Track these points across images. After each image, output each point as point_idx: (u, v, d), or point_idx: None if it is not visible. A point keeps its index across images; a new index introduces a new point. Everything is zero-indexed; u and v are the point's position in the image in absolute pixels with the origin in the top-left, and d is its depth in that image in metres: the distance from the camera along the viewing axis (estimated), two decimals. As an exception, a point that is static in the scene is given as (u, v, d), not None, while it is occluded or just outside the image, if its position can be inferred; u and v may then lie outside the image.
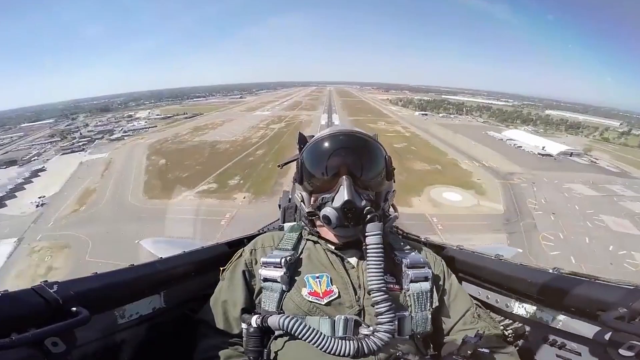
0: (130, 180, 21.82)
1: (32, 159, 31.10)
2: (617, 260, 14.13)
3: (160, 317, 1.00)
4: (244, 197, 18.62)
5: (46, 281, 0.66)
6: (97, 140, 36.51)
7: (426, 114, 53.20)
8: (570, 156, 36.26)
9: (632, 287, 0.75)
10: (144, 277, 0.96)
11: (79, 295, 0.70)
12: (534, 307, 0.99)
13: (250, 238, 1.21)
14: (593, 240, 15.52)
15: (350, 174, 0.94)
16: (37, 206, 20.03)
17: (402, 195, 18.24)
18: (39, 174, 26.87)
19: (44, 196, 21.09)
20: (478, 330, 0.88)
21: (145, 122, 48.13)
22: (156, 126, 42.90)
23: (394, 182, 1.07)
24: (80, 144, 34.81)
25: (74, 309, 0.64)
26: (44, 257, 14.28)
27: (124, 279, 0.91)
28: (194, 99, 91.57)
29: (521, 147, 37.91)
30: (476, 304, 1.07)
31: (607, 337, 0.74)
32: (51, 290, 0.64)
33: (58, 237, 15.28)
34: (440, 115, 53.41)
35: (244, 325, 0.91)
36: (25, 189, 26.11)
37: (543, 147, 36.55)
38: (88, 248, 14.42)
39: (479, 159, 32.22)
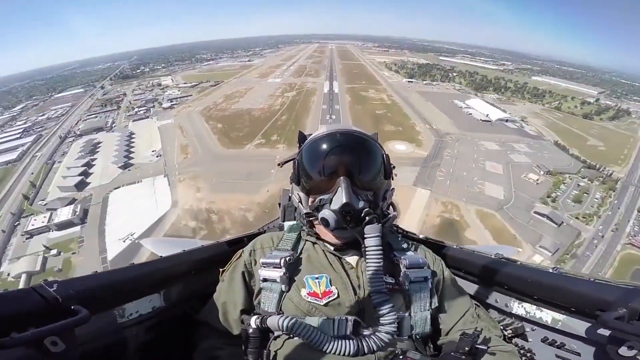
0: (207, 138, 31.93)
1: (113, 126, 39.04)
2: (473, 185, 24.04)
3: (160, 316, 1.05)
4: (283, 147, 29.31)
5: (46, 280, 0.68)
6: (152, 109, 43.74)
7: (412, 81, 59.68)
8: (506, 122, 42.41)
9: (631, 287, 0.77)
10: (143, 276, 1.02)
11: (79, 295, 0.71)
12: (534, 307, 1.03)
13: (250, 237, 1.32)
14: (468, 173, 25.81)
15: (348, 174, 0.97)
16: (157, 156, 28.93)
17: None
18: (132, 137, 34.29)
19: (155, 150, 29.97)
20: (477, 328, 0.91)
21: (179, 90, 54.62)
22: (191, 95, 50.14)
23: (393, 179, 1.13)
24: (142, 112, 42.65)
25: (74, 308, 0.65)
26: (189, 184, 23.88)
27: (123, 278, 0.95)
28: (205, 63, 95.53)
29: (471, 114, 43.85)
30: (476, 304, 1.14)
31: (606, 337, 0.76)
32: (51, 290, 0.65)
33: (188, 173, 25.21)
34: (424, 82, 59.38)
35: (243, 326, 0.95)
36: (134, 146, 32.13)
37: (487, 115, 43.07)
38: (213, 178, 24.18)
39: (431, 123, 39.85)
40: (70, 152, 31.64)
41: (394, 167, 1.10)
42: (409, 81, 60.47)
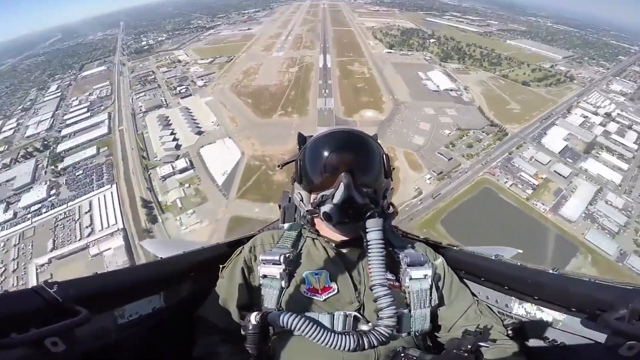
0: (244, 110, 46.07)
1: (167, 103, 50.81)
2: (406, 137, 38.69)
3: (160, 317, 1.09)
4: (296, 116, 43.78)
5: (46, 281, 0.71)
6: (190, 88, 55.19)
7: (390, 52, 69.21)
8: (450, 91, 52.00)
9: (631, 288, 0.81)
10: (143, 277, 1.07)
11: (79, 295, 0.75)
12: (534, 307, 1.07)
13: (249, 238, 1.35)
14: (407, 130, 40.29)
15: (349, 170, 1.04)
16: (217, 125, 42.46)
17: (349, 113, 44.45)
18: (190, 111, 46.54)
19: (214, 121, 43.76)
20: (479, 326, 0.98)
21: (201, 68, 65.23)
22: (214, 72, 61.38)
23: (392, 179, 1.22)
24: (183, 89, 54.45)
25: (74, 309, 0.68)
26: (246, 142, 38.02)
27: (123, 279, 0.99)
28: (207, 33, 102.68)
29: (427, 85, 53.57)
30: (477, 300, 1.20)
31: (606, 337, 0.79)
32: (51, 291, 0.68)
33: (242, 135, 39.70)
34: (401, 53, 68.78)
35: (243, 322, 0.99)
36: (196, 118, 44.44)
37: (437, 86, 53.12)
38: (262, 137, 38.70)
39: (394, 94, 50.80)
40: (149, 125, 45.63)
41: (393, 169, 1.21)
42: (388, 52, 70.22)
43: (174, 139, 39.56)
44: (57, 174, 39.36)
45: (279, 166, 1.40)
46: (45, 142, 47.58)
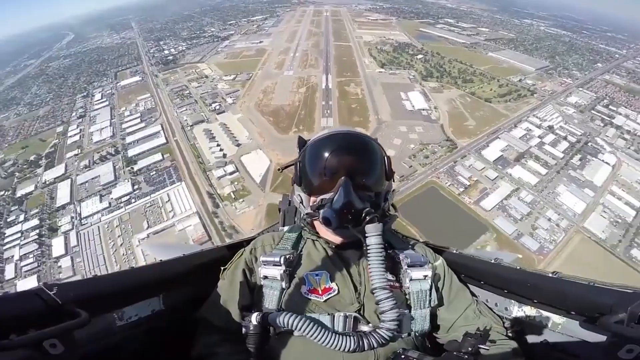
0: (269, 127, 60.39)
1: (207, 119, 64.18)
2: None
3: (159, 319, 1.13)
4: (307, 133, 60.36)
5: (46, 283, 0.72)
6: (222, 104, 67.41)
7: (382, 71, 78.41)
8: (422, 111, 61.59)
9: (631, 291, 0.83)
10: (143, 280, 1.09)
11: (78, 298, 0.77)
12: (534, 310, 1.10)
13: (249, 241, 1.41)
14: (382, 144, 56.84)
15: (350, 174, 1.07)
16: (249, 139, 58.08)
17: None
18: (227, 126, 59.92)
19: (247, 135, 59.54)
20: (479, 327, 0.96)
21: (227, 85, 77.37)
22: (238, 90, 74.32)
23: (394, 181, 1.27)
24: (216, 106, 67.10)
25: (73, 310, 0.70)
26: (273, 154, 54.28)
27: (123, 281, 1.02)
28: (224, 45, 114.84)
29: (405, 105, 63.32)
30: (477, 300, 1.23)
31: (606, 340, 0.81)
32: (51, 293, 0.70)
33: (270, 147, 55.57)
34: (390, 72, 77.82)
35: (244, 323, 1.02)
36: (233, 133, 58.68)
37: (413, 106, 62.75)
38: (283, 150, 53.93)
39: (379, 113, 60.81)
40: (198, 137, 61.05)
41: (393, 173, 1.24)
42: (379, 71, 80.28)
43: (220, 150, 56.93)
44: (135, 174, 56.80)
45: (279, 169, 1.53)
46: (116, 148, 64.95)
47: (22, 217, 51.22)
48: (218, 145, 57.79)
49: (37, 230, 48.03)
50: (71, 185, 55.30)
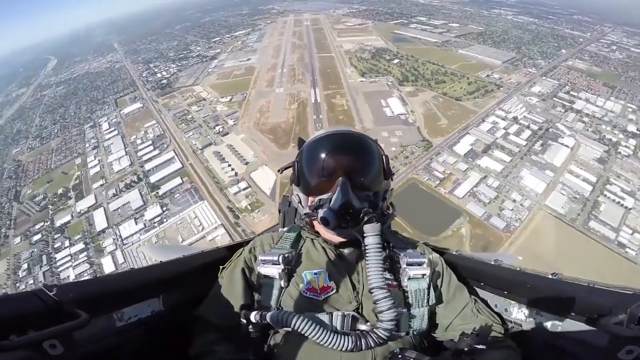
0: (269, 145, 62.16)
1: (215, 141, 77.87)
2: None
3: (159, 320, 1.17)
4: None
5: (46, 284, 0.75)
6: (225, 126, 75.50)
7: (363, 80, 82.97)
8: (401, 115, 65.99)
9: (631, 293, 0.85)
10: (143, 281, 1.14)
11: (78, 298, 0.80)
12: (533, 312, 1.14)
13: (248, 242, 1.47)
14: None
15: (348, 174, 1.11)
16: (255, 157, 68.65)
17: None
18: (233, 147, 69.64)
19: (252, 153, 71.26)
20: (475, 327, 1.00)
21: (225, 106, 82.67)
22: (236, 111, 79.79)
23: (392, 179, 1.29)
24: (219, 128, 74.96)
25: (73, 311, 0.73)
26: (276, 168, 67.48)
27: (123, 282, 1.06)
28: (214, 65, 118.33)
29: (385, 112, 68.05)
30: (475, 299, 1.27)
31: (605, 341, 0.84)
32: (50, 293, 0.73)
33: (273, 163, 65.02)
34: (370, 81, 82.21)
35: (243, 321, 1.07)
36: (240, 153, 65.99)
37: (393, 112, 67.45)
38: (285, 164, 65.19)
39: (363, 122, 64.35)
40: (209, 159, 69.92)
41: (393, 174, 1.27)
42: (360, 81, 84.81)
43: (232, 169, 66.93)
44: (160, 197, 66.64)
45: (279, 170, 1.66)
46: (137, 175, 74.57)
47: (67, 243, 59.37)
48: (229, 165, 67.34)
49: (85, 252, 56.65)
50: (105, 212, 64.70)
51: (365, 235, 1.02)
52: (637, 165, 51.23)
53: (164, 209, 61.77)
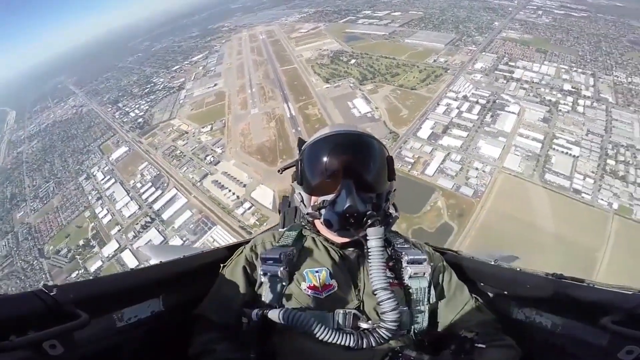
0: (259, 165, 72.69)
1: (210, 172, 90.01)
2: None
3: (159, 320, 1.19)
4: (291, 160, 79.08)
5: (46, 284, 0.76)
6: (215, 156, 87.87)
7: (328, 86, 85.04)
8: (367, 114, 67.52)
9: (630, 292, 0.87)
10: (143, 281, 1.15)
11: (78, 299, 0.81)
12: (533, 311, 1.16)
13: (248, 242, 1.48)
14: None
15: (351, 176, 1.11)
16: (250, 179, 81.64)
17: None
18: (229, 174, 79.93)
19: (247, 175, 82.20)
20: (475, 326, 1.03)
21: (209, 136, 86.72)
22: (220, 138, 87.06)
23: (395, 180, 1.28)
24: (210, 158, 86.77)
25: (73, 312, 0.74)
26: (272, 184, 73.57)
27: (123, 282, 1.08)
28: (184, 96, 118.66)
29: (353, 112, 69.81)
30: (475, 297, 1.30)
31: (605, 341, 0.85)
32: (50, 294, 0.74)
33: (268, 181, 76.02)
34: (335, 86, 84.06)
35: (244, 319, 1.07)
36: (236, 177, 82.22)
37: (359, 111, 68.79)
38: (278, 179, 64.41)
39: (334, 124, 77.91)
40: (210, 189, 77.79)
41: (394, 176, 1.22)
42: (326, 87, 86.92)
43: (233, 193, 76.65)
44: (177, 230, 75.54)
45: (279, 171, 1.63)
46: (149, 216, 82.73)
47: (106, 285, 68.52)
48: (229, 190, 75.75)
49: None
50: (132, 252, 73.07)
51: (368, 238, 1.08)
52: (577, 118, 56.86)
53: (184, 239, 70.50)
